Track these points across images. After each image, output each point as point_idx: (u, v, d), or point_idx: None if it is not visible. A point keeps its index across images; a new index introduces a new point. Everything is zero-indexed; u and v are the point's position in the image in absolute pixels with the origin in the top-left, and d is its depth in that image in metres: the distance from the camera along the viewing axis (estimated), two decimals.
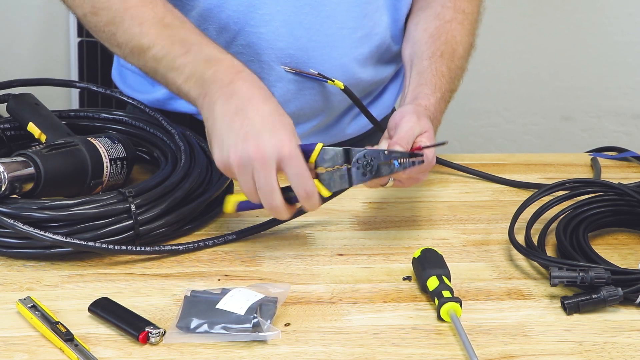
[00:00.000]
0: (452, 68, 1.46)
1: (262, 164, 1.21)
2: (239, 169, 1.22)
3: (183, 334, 1.11)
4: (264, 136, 1.22)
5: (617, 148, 1.66)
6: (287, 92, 1.49)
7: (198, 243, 1.29)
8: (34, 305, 1.13)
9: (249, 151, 1.21)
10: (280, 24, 1.45)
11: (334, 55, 1.48)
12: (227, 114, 1.24)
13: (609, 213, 1.38)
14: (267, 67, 1.47)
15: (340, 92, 1.49)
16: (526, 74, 2.96)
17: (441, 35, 1.48)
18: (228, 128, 1.23)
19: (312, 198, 1.24)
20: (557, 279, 1.21)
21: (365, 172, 1.25)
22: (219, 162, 1.24)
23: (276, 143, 1.21)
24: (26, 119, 1.41)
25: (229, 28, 1.46)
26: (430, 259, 1.24)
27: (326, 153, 1.25)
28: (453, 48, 1.48)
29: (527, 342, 1.14)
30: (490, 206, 1.47)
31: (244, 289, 1.16)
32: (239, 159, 1.22)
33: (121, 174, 1.36)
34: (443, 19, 1.50)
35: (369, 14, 1.50)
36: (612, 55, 2.93)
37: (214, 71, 1.27)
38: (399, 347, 1.12)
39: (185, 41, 1.31)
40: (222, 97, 1.25)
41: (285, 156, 1.21)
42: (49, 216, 1.23)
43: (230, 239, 1.31)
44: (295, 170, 1.22)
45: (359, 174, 1.25)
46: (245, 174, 1.22)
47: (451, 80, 1.45)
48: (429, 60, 1.44)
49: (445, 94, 1.42)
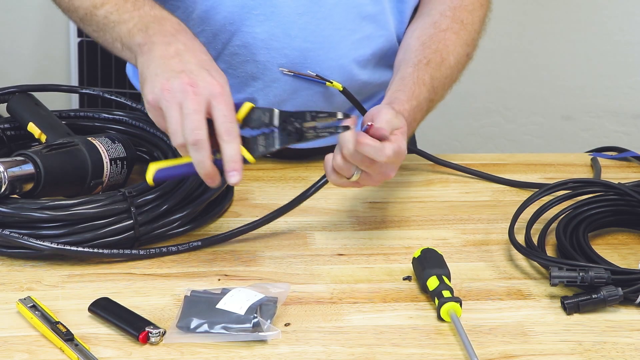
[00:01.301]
0: (437, 77, 1.44)
1: (193, 94, 1.18)
2: (168, 99, 1.19)
3: (183, 334, 1.11)
4: (199, 73, 1.21)
5: (617, 148, 1.66)
6: (283, 92, 1.49)
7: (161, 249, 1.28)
8: (34, 305, 1.13)
9: (182, 82, 1.19)
10: (275, 25, 1.45)
11: (331, 57, 1.48)
12: (165, 56, 1.23)
13: (609, 213, 1.38)
14: (262, 67, 1.48)
15: (340, 94, 1.49)
16: (526, 74, 2.96)
17: (432, 44, 1.47)
18: (164, 65, 1.22)
19: (233, 140, 1.18)
20: (557, 279, 1.21)
21: (290, 134, 1.21)
22: (148, 95, 1.21)
23: (210, 81, 1.20)
24: (26, 119, 1.41)
25: (224, 29, 1.46)
26: (430, 259, 1.24)
27: (254, 113, 1.22)
28: (442, 57, 1.46)
29: (527, 342, 1.14)
30: (490, 206, 1.46)
31: (244, 289, 1.16)
32: (169, 88, 1.19)
33: (121, 174, 1.36)
34: (439, 27, 1.50)
35: (369, 17, 1.49)
36: (612, 55, 2.93)
37: (159, 24, 1.29)
38: (399, 347, 1.12)
39: (137, 2, 1.33)
40: (163, 44, 1.25)
41: (217, 93, 1.19)
42: (49, 216, 1.23)
43: (194, 246, 1.29)
44: (224, 111, 1.19)
45: (284, 135, 1.22)
46: (173, 105, 1.19)
47: (432, 90, 1.42)
48: (414, 67, 1.43)
49: (422, 103, 1.40)
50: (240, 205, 1.41)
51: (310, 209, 1.40)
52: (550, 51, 2.93)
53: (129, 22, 1.31)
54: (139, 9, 1.32)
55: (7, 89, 1.46)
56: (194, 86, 1.19)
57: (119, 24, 1.32)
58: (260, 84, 1.49)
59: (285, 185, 1.45)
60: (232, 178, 1.19)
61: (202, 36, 1.46)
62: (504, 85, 2.97)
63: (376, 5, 1.50)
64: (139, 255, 1.26)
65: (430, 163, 1.56)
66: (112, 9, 1.33)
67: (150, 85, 1.22)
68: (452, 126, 3.00)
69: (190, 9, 1.47)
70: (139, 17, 1.31)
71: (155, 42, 1.26)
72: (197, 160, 1.19)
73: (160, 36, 1.27)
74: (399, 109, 1.34)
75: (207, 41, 1.46)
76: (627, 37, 2.92)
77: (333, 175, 1.27)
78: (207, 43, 1.43)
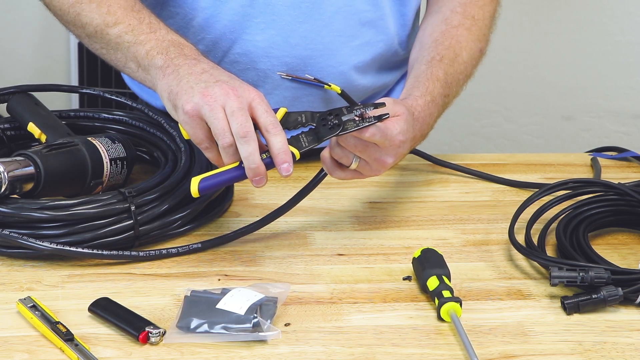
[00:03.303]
0: (451, 73, 1.45)
1: (235, 96, 1.19)
2: (211, 102, 1.19)
3: (183, 334, 1.11)
4: (234, 82, 1.22)
5: (617, 148, 1.66)
6: (283, 99, 1.49)
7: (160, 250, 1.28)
8: (34, 305, 1.13)
9: (221, 87, 1.20)
10: (275, 33, 1.45)
11: (331, 64, 1.48)
12: (194, 73, 1.23)
13: (609, 213, 1.38)
14: (263, 75, 1.48)
15: (341, 99, 1.49)
16: (527, 74, 2.96)
17: (445, 40, 1.48)
18: (196, 79, 1.22)
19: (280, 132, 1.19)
20: (557, 279, 1.21)
21: (333, 127, 1.23)
22: (186, 105, 1.20)
23: (247, 87, 1.21)
24: (26, 119, 1.41)
25: (225, 37, 1.46)
26: (430, 259, 1.24)
27: (290, 116, 1.25)
28: (456, 53, 1.47)
29: (527, 342, 1.14)
30: (490, 206, 1.46)
31: (244, 289, 1.16)
32: (211, 94, 1.19)
33: (121, 174, 1.36)
34: (450, 24, 1.50)
35: (369, 23, 1.49)
36: (612, 55, 2.93)
37: (179, 48, 1.28)
38: (399, 347, 1.12)
39: (153, 25, 1.32)
40: (188, 65, 1.25)
41: (255, 96, 1.20)
42: (49, 216, 1.23)
43: (194, 248, 1.29)
44: (265, 108, 1.20)
45: (325, 129, 1.23)
46: (217, 106, 1.19)
47: (447, 85, 1.43)
48: (427, 64, 1.44)
49: (437, 98, 1.40)
50: (240, 205, 1.41)
51: (310, 209, 1.40)
52: (551, 51, 2.93)
53: (146, 44, 1.29)
54: (155, 31, 1.31)
55: (7, 89, 1.46)
56: (234, 89, 1.20)
57: (135, 44, 1.30)
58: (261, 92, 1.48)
59: (285, 186, 1.45)
60: (284, 170, 1.20)
61: (202, 44, 1.46)
62: (504, 85, 2.97)
63: (376, 11, 1.50)
64: (138, 257, 1.26)
65: (430, 163, 1.56)
66: (127, 29, 1.32)
67: (188, 96, 1.21)
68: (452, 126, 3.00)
69: (190, 17, 1.47)
70: (156, 40, 1.30)
71: (179, 64, 1.26)
72: (246, 153, 1.18)
73: (182, 59, 1.26)
74: (412, 104, 1.34)
75: (207, 49, 1.46)
76: (628, 38, 2.92)
77: (333, 167, 1.27)
78: (207, 51, 1.43)
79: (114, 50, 1.33)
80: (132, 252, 1.25)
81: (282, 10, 1.45)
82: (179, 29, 1.36)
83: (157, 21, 1.34)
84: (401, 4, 1.52)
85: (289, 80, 1.49)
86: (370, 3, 1.48)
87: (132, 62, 1.31)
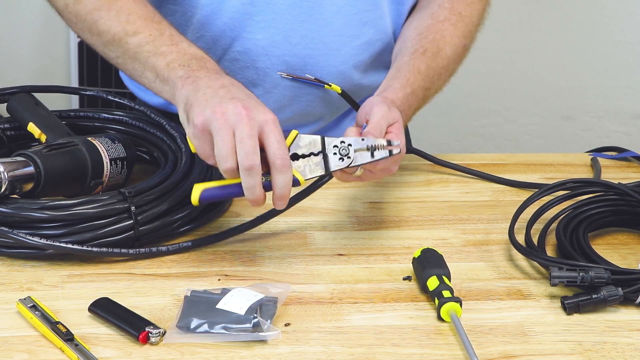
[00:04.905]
0: (433, 67, 1.44)
1: (247, 119, 1.17)
2: (221, 122, 1.17)
3: (183, 334, 1.11)
4: (250, 101, 1.20)
5: (617, 148, 1.66)
6: (283, 98, 1.49)
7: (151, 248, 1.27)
8: (34, 305, 1.13)
9: (235, 106, 1.18)
10: (276, 31, 1.45)
11: (332, 63, 1.48)
12: (213, 87, 1.22)
13: (609, 213, 1.38)
14: (263, 73, 1.48)
15: (340, 98, 1.49)
16: (527, 74, 2.96)
17: (429, 34, 1.47)
18: (213, 93, 1.21)
19: (287, 171, 1.18)
20: (557, 279, 1.21)
21: (342, 158, 1.23)
22: (197, 118, 1.19)
23: (262, 109, 1.20)
24: (26, 119, 1.41)
25: (225, 35, 1.46)
26: (430, 259, 1.24)
27: (301, 140, 1.23)
28: (439, 47, 1.46)
29: (527, 342, 1.14)
30: (490, 206, 1.47)
31: (244, 289, 1.16)
32: (223, 111, 1.18)
33: (121, 174, 1.36)
34: (436, 18, 1.50)
35: (369, 22, 1.49)
36: (612, 55, 2.93)
37: (201, 62, 1.27)
38: (399, 347, 1.12)
39: (174, 37, 1.32)
40: (208, 78, 1.24)
41: (269, 120, 1.18)
42: (49, 216, 1.23)
43: (185, 247, 1.29)
44: (277, 137, 1.18)
45: (335, 159, 1.24)
46: (226, 128, 1.17)
47: (428, 79, 1.43)
48: (409, 56, 1.44)
49: (417, 91, 1.40)
50: (240, 205, 1.41)
51: (310, 209, 1.40)
52: (551, 51, 2.93)
53: (168, 56, 1.28)
54: (177, 44, 1.30)
55: (7, 89, 1.46)
56: (247, 110, 1.18)
57: (156, 55, 1.29)
58: (260, 90, 1.49)
59: None
60: (279, 206, 1.21)
61: (202, 42, 1.46)
62: (504, 85, 2.98)
63: (376, 10, 1.50)
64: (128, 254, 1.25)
65: (430, 163, 1.56)
66: (148, 39, 1.31)
67: (200, 109, 1.19)
68: (452, 126, 3.00)
69: (190, 14, 1.47)
70: (177, 52, 1.29)
71: (200, 76, 1.25)
72: (248, 185, 1.18)
73: (204, 72, 1.26)
74: (392, 97, 1.34)
75: (207, 47, 1.46)
76: (628, 38, 2.92)
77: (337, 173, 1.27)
78: (206, 49, 1.43)
79: (132, 60, 1.32)
80: (122, 250, 1.25)
81: (282, 9, 1.45)
82: (178, 26, 1.36)
83: (178, 34, 1.33)
84: (399, 3, 1.53)
85: (289, 80, 1.49)
86: (370, 2, 1.48)
87: (150, 72, 1.30)
